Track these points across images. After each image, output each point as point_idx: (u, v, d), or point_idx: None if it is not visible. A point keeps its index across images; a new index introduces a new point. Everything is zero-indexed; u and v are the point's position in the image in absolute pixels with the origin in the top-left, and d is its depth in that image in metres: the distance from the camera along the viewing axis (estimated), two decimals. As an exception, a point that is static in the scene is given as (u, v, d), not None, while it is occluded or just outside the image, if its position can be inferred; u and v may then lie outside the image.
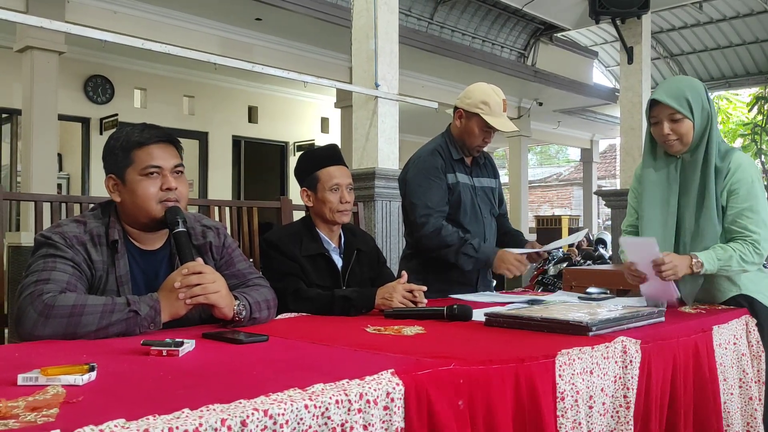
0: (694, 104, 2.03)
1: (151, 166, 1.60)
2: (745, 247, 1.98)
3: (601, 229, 14.26)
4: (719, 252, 1.97)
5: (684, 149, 2.09)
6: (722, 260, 1.96)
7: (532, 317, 1.62)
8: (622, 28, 6.85)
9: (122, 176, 1.61)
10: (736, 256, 1.97)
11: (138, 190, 1.59)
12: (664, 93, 2.06)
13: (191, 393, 0.97)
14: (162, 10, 6.55)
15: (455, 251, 2.44)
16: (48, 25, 2.87)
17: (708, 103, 2.06)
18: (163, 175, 1.61)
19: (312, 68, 7.20)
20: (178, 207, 1.62)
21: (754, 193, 2.03)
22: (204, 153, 9.20)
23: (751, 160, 2.13)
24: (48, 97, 5.72)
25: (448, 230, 2.45)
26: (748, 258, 1.98)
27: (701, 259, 1.95)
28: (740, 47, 10.77)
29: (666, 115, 2.05)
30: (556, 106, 11.27)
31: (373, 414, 1.01)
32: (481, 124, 2.49)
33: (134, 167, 1.60)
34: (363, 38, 4.05)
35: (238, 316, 1.58)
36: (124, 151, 1.61)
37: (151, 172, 1.60)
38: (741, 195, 2.03)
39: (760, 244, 1.99)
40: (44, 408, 0.86)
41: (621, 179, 7.07)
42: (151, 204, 1.59)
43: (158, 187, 1.60)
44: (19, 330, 1.42)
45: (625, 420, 1.44)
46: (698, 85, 2.10)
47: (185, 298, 1.48)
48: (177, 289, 1.48)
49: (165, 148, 1.63)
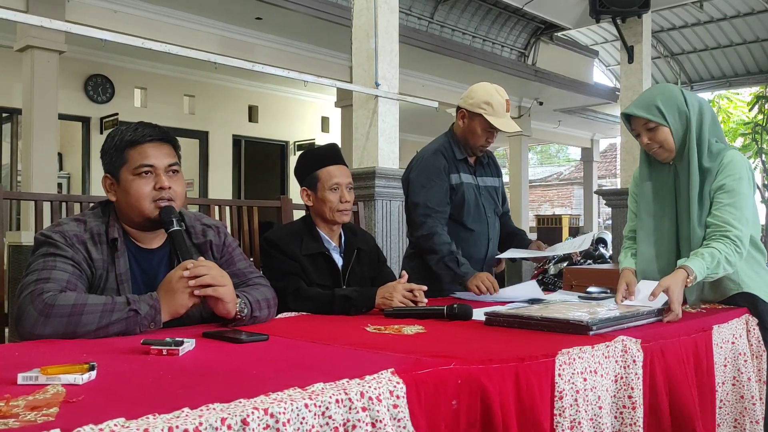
0: (666, 110, 2.04)
1: (144, 165, 1.59)
2: (728, 246, 1.95)
3: (602, 228, 14.26)
4: (708, 260, 1.92)
5: (671, 155, 2.09)
6: (710, 268, 1.92)
7: (532, 316, 1.62)
8: (623, 27, 6.84)
9: (117, 175, 1.61)
10: (722, 260, 1.93)
11: (131, 190, 1.58)
12: (633, 105, 2.09)
13: (191, 392, 0.97)
14: (162, 10, 6.55)
15: (438, 259, 2.42)
16: (48, 24, 2.86)
17: (686, 106, 2.05)
18: (156, 174, 1.60)
19: (312, 67, 7.20)
20: (172, 206, 1.61)
21: (739, 190, 2.01)
22: (204, 152, 9.20)
23: (743, 158, 2.10)
24: (48, 96, 5.72)
25: (442, 238, 2.44)
26: (732, 259, 1.95)
27: (694, 270, 1.88)
28: (741, 46, 10.76)
29: (641, 126, 2.08)
30: (557, 106, 11.26)
31: (378, 410, 1.01)
32: (483, 124, 2.49)
33: (127, 166, 1.59)
34: (363, 37, 4.04)
35: (240, 314, 1.58)
36: (118, 150, 1.60)
37: (143, 172, 1.59)
38: (726, 190, 2.02)
39: (741, 242, 1.96)
40: (44, 407, 0.86)
41: (622, 178, 7.06)
42: (144, 203, 1.59)
43: (151, 186, 1.59)
44: (19, 329, 1.42)
45: (632, 421, 1.43)
46: (671, 90, 2.10)
47: (194, 286, 1.46)
48: (179, 285, 1.47)
49: (159, 146, 1.62)
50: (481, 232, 2.57)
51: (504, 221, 2.75)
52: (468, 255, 2.46)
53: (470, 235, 2.57)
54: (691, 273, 1.87)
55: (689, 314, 1.91)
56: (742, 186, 2.02)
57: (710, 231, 2.01)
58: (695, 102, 2.09)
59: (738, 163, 2.05)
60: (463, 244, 2.50)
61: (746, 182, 2.04)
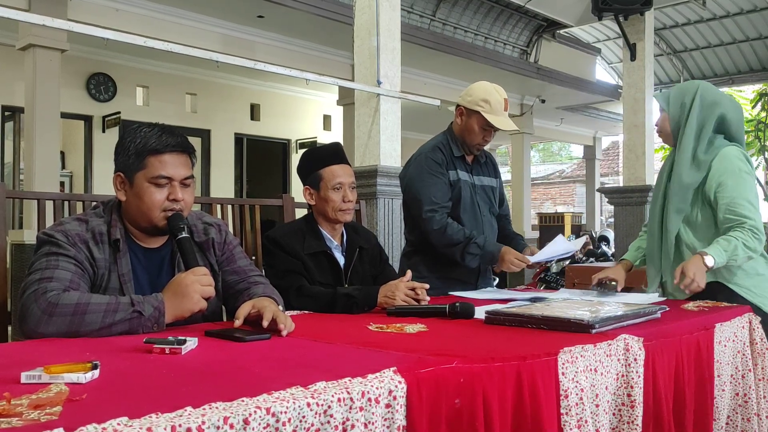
0: (672, 99, 2.27)
1: (162, 176, 1.59)
2: (745, 233, 2.04)
3: (604, 226, 14.24)
4: (724, 244, 2.02)
5: (669, 140, 2.29)
6: (728, 251, 2.01)
7: (533, 315, 1.62)
8: (625, 25, 6.83)
9: (131, 177, 1.60)
10: (740, 244, 2.02)
11: (144, 197, 1.59)
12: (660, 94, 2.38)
13: (194, 391, 0.97)
14: (164, 8, 6.56)
15: (461, 249, 2.44)
16: (50, 23, 2.87)
17: (692, 99, 2.22)
18: (171, 185, 1.60)
19: (314, 66, 7.20)
20: (180, 214, 1.62)
21: (742, 182, 2.11)
22: (206, 151, 9.21)
23: (738, 153, 2.18)
24: (50, 95, 5.73)
25: (454, 228, 2.46)
26: (750, 244, 2.04)
27: (711, 254, 2.00)
28: (744, 44, 10.74)
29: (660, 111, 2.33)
30: (559, 103, 11.24)
31: (374, 412, 1.01)
32: (481, 122, 2.49)
33: (145, 173, 1.59)
34: (365, 35, 4.04)
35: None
36: (139, 154, 1.59)
37: (161, 182, 1.59)
38: (729, 185, 2.11)
39: (758, 230, 2.05)
40: (47, 406, 0.86)
41: (624, 176, 7.05)
42: (155, 212, 1.59)
43: (165, 196, 1.60)
44: (22, 328, 1.42)
45: (630, 419, 1.43)
46: (690, 85, 2.30)
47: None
48: (190, 289, 1.47)
49: (179, 157, 1.62)
50: (476, 230, 2.57)
51: (501, 224, 2.75)
52: None
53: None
54: (705, 255, 1.99)
55: (691, 312, 1.91)
56: (743, 178, 2.12)
57: (726, 227, 2.11)
58: (708, 97, 2.21)
59: (732, 158, 2.14)
60: None
61: (746, 175, 2.13)
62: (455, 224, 2.47)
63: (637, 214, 6.54)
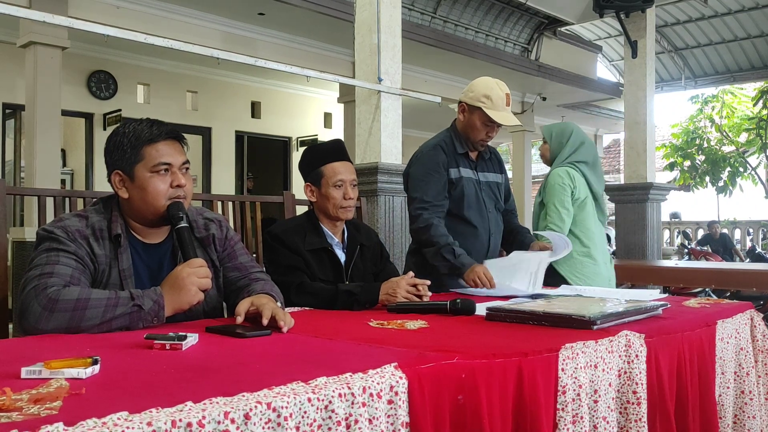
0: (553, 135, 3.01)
1: (162, 163, 1.59)
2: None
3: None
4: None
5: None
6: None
7: (535, 311, 1.61)
8: (627, 22, 6.81)
9: (131, 173, 1.60)
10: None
11: (149, 187, 1.59)
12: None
13: (194, 386, 0.97)
14: (165, 5, 6.55)
15: (435, 251, 2.42)
16: (51, 20, 2.86)
17: (567, 138, 2.96)
18: (172, 172, 1.61)
19: (315, 63, 7.20)
20: (180, 202, 1.62)
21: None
22: (207, 148, 9.21)
23: (555, 173, 2.91)
24: (51, 92, 5.73)
25: (438, 230, 2.43)
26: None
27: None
28: (745, 41, 10.73)
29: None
30: (560, 101, 11.24)
31: (377, 408, 1.01)
32: (483, 117, 2.49)
33: (144, 164, 1.59)
34: (366, 32, 4.03)
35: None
36: (134, 147, 1.60)
37: (162, 169, 1.60)
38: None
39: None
40: (48, 401, 0.86)
41: (625, 174, 7.04)
42: (161, 201, 1.60)
43: (168, 184, 1.60)
44: (23, 324, 1.42)
45: (636, 417, 1.43)
46: (564, 127, 3.03)
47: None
48: (187, 282, 1.47)
49: (173, 144, 1.63)
50: (482, 226, 2.57)
51: (508, 218, 2.75)
52: (468, 250, 2.45)
53: (471, 230, 2.56)
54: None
55: (693, 309, 1.91)
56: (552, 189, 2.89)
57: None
58: (568, 137, 2.99)
59: (554, 176, 2.91)
60: (464, 239, 2.49)
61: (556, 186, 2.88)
62: (442, 228, 2.45)
63: (638, 212, 6.53)
